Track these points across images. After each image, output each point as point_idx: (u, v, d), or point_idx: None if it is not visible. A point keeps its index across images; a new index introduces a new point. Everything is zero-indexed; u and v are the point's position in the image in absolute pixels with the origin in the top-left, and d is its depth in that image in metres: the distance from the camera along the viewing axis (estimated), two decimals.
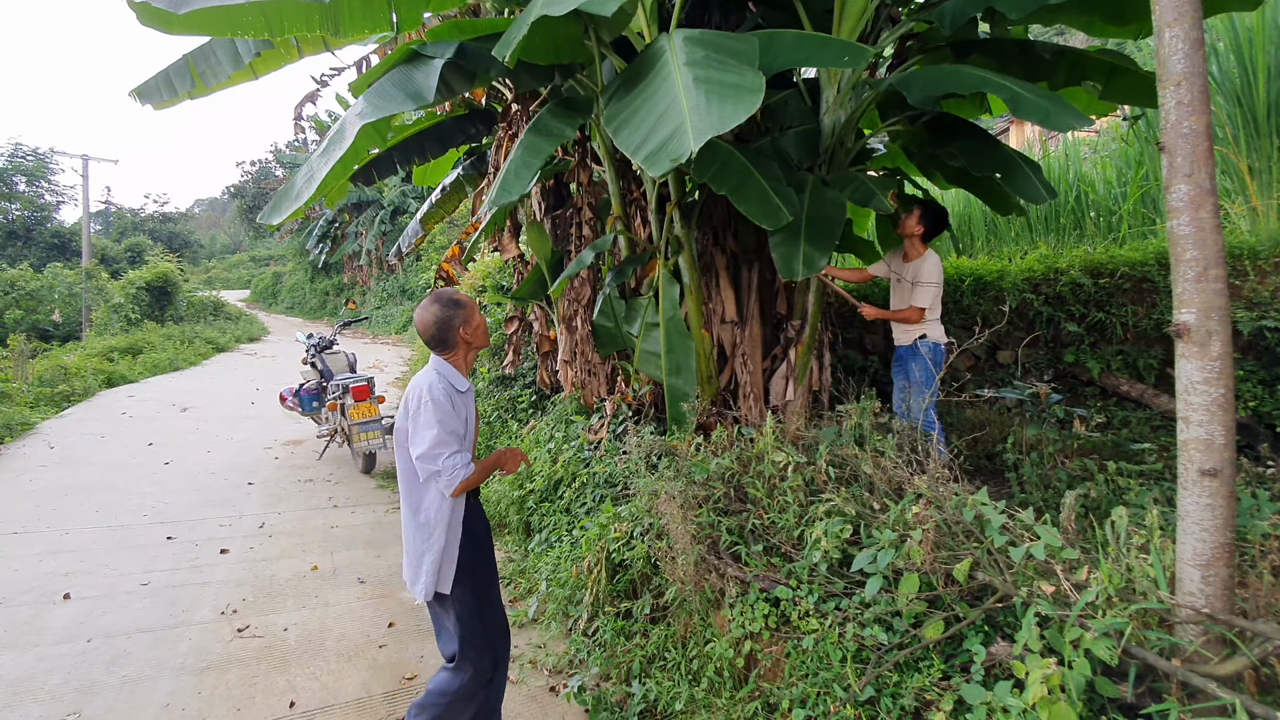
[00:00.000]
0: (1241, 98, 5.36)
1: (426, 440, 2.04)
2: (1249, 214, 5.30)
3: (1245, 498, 2.70)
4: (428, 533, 2.15)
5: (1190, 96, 1.60)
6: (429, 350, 2.25)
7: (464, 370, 2.26)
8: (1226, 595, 1.59)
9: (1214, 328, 1.57)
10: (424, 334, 2.19)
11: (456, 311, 2.19)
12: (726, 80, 2.40)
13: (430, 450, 2.04)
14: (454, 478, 2.07)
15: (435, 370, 2.18)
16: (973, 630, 2.02)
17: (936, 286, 3.86)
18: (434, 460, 2.05)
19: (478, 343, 2.26)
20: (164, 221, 31.13)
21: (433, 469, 2.06)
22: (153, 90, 4.59)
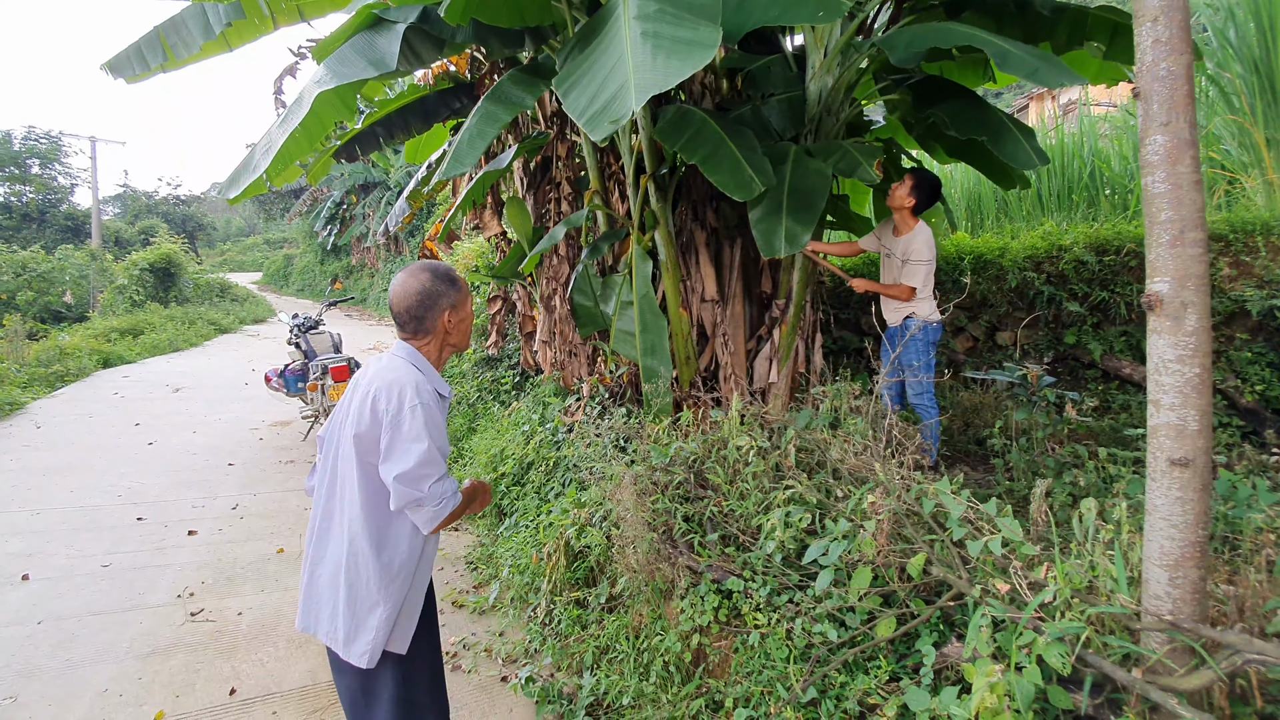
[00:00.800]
0: (1260, 65, 5.03)
1: (413, 456, 1.55)
2: (1264, 187, 5.00)
3: (1243, 487, 2.51)
4: (389, 578, 1.64)
5: (1169, 33, 1.40)
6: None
7: (440, 367, 1.80)
8: (1196, 600, 1.42)
9: (1190, 298, 1.39)
10: (398, 307, 1.69)
11: (448, 290, 1.71)
12: (678, 35, 2.21)
13: (417, 470, 1.56)
14: (442, 509, 1.61)
15: (413, 365, 1.66)
16: (927, 629, 1.87)
17: (928, 264, 3.64)
18: (419, 484, 1.56)
19: (458, 340, 1.79)
20: (178, 204, 31.31)
21: (416, 496, 1.57)
22: (124, 64, 4.48)
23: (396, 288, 1.71)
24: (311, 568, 1.70)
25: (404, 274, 1.72)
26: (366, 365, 1.75)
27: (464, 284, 1.77)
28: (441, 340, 1.75)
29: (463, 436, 5.41)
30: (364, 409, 1.60)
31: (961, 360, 5.08)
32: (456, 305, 1.73)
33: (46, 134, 23.71)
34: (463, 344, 1.83)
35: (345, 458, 1.65)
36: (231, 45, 4.56)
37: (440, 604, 3.33)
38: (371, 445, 1.61)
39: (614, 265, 4.46)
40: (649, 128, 3.69)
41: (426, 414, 1.59)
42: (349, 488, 1.65)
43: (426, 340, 1.72)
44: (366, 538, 1.63)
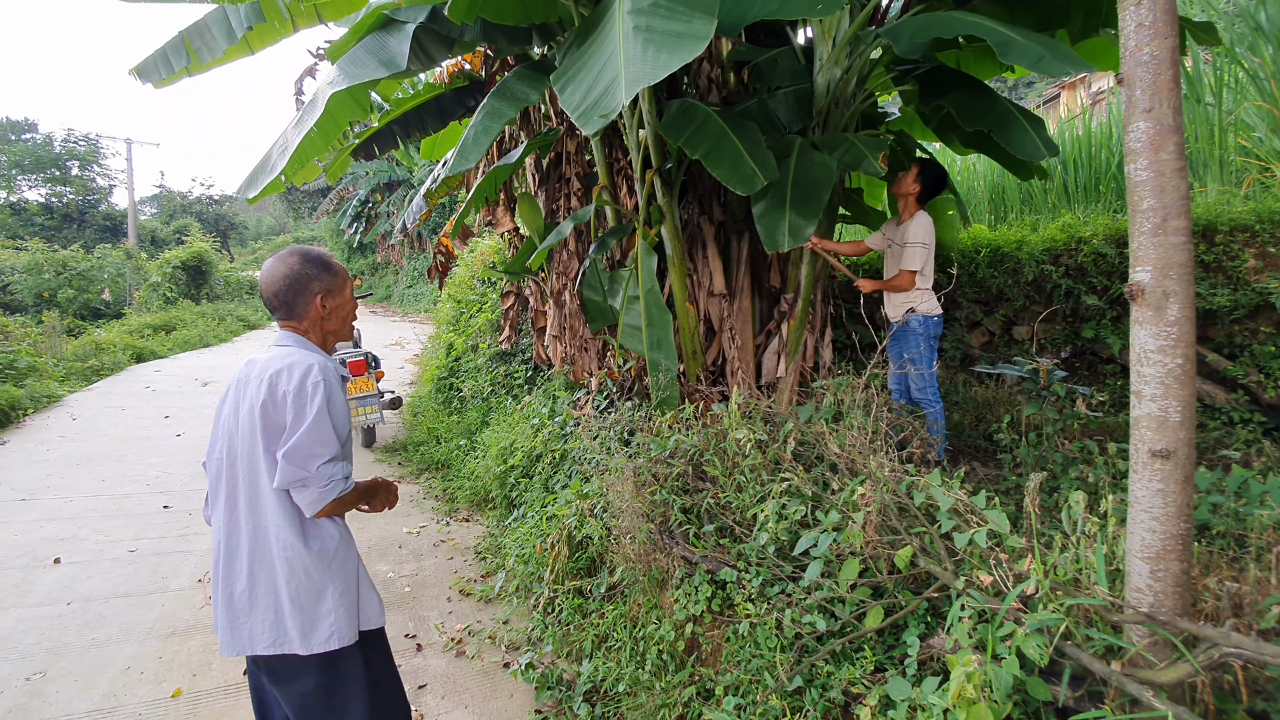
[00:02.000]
0: None
1: (306, 435, 1.48)
2: None
3: (1255, 484, 2.46)
4: (327, 561, 1.58)
5: (1153, 16, 1.37)
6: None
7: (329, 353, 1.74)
8: (1178, 593, 1.40)
9: (1172, 288, 1.37)
10: (266, 291, 1.64)
11: (320, 274, 1.64)
12: (669, 28, 2.22)
13: (308, 447, 1.48)
14: (327, 491, 1.52)
15: (305, 349, 1.61)
16: (914, 620, 1.87)
17: (925, 247, 3.58)
18: (307, 462, 1.48)
19: (335, 326, 1.70)
20: (210, 204, 32.12)
21: (300, 475, 1.48)
22: (151, 68, 4.62)
23: (264, 272, 1.65)
24: (227, 591, 1.56)
25: (273, 259, 1.66)
26: (248, 361, 1.65)
27: (340, 270, 1.70)
28: (321, 327, 1.68)
29: (476, 429, 5.49)
30: (260, 397, 1.52)
31: (977, 355, 5.00)
32: (331, 290, 1.66)
33: (85, 136, 24.51)
34: (343, 332, 1.75)
35: (247, 459, 1.55)
36: (253, 48, 4.68)
37: (448, 592, 3.40)
38: (276, 433, 1.53)
39: (621, 260, 4.49)
40: (654, 122, 3.70)
41: (328, 391, 1.53)
42: (260, 487, 1.55)
43: (303, 326, 1.65)
44: (292, 532, 1.56)
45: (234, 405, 1.60)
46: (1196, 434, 3.65)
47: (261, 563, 1.56)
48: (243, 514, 1.57)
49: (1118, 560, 1.57)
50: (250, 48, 4.62)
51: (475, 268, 7.83)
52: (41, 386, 7.15)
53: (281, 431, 1.52)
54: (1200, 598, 1.74)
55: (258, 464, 1.55)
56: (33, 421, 6.45)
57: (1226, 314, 4.03)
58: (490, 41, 3.83)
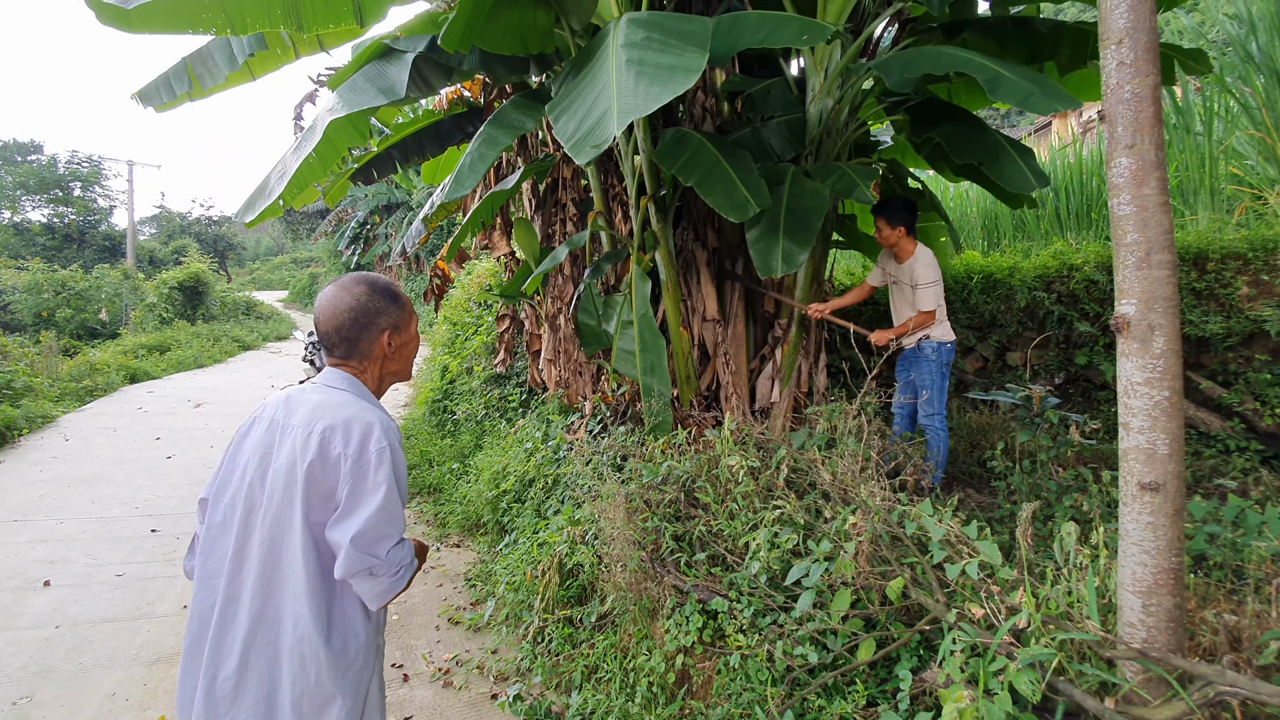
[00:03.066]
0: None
1: (374, 514, 1.26)
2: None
3: (1253, 514, 2.44)
4: (344, 667, 1.31)
5: (1134, 55, 1.40)
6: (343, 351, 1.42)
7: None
8: (1171, 628, 1.39)
9: (1157, 321, 1.37)
10: (326, 325, 1.40)
11: (389, 307, 1.42)
12: (661, 61, 2.27)
13: (377, 529, 1.26)
14: (398, 580, 1.32)
15: (363, 399, 1.38)
16: (907, 652, 1.84)
17: (936, 284, 3.62)
18: (376, 547, 1.26)
19: (398, 367, 1.49)
20: (209, 225, 32.33)
21: (370, 562, 1.26)
22: (153, 93, 4.67)
23: (325, 303, 1.41)
24: (210, 674, 1.28)
25: (334, 287, 1.43)
26: (286, 398, 1.40)
27: (408, 302, 1.49)
28: (380, 367, 1.45)
29: (469, 453, 5.46)
30: (308, 456, 1.28)
31: (971, 380, 5.01)
32: (399, 326, 1.45)
33: (88, 158, 24.75)
34: (404, 373, 1.53)
35: (276, 521, 1.29)
36: (255, 74, 4.74)
37: (437, 620, 3.35)
38: (321, 501, 1.29)
39: (616, 285, 4.51)
40: (649, 150, 3.74)
41: (394, 459, 1.31)
42: (286, 558, 1.29)
43: (361, 366, 1.42)
44: (313, 620, 1.28)
45: (262, 449, 1.34)
46: (1193, 462, 3.64)
47: (263, 649, 1.28)
48: (250, 583, 1.29)
49: (1110, 593, 1.55)
50: (252, 74, 4.68)
51: (472, 290, 7.86)
52: (37, 407, 7.13)
53: (329, 500, 1.29)
54: (1198, 631, 1.72)
55: (287, 530, 1.29)
56: (27, 442, 6.41)
57: (1220, 341, 4.04)
58: (488, 71, 3.89)
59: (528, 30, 3.23)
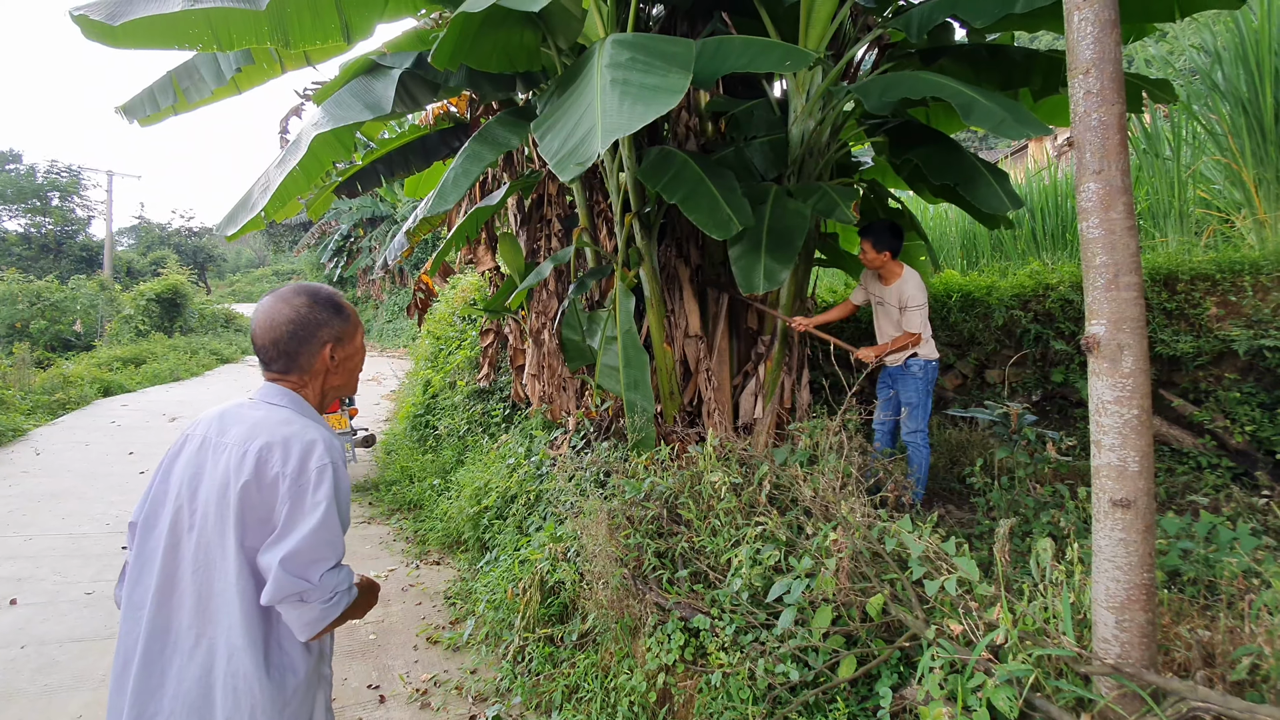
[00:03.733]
0: (1248, 106, 5.12)
1: (309, 534, 1.18)
2: (1255, 227, 5.04)
3: (1224, 530, 2.49)
4: (283, 703, 1.24)
5: (1100, 85, 1.45)
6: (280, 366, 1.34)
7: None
8: (1144, 643, 1.41)
9: (1126, 341, 1.41)
10: (263, 339, 1.32)
11: (331, 319, 1.35)
12: (646, 82, 2.30)
13: (311, 551, 1.18)
14: (332, 607, 1.21)
15: (303, 415, 1.31)
16: (887, 669, 1.85)
17: (923, 307, 3.67)
18: (309, 570, 1.18)
19: (341, 381, 1.41)
20: (189, 236, 31.97)
21: (300, 588, 1.17)
22: (138, 107, 4.63)
23: (262, 315, 1.33)
24: (137, 711, 1.20)
25: (272, 298, 1.35)
26: (220, 414, 1.31)
27: (353, 313, 1.42)
28: (323, 382, 1.37)
29: (451, 469, 5.41)
30: (242, 476, 1.20)
31: (950, 398, 5.07)
32: (342, 338, 1.37)
33: (68, 168, 24.41)
34: (348, 387, 1.45)
35: (208, 547, 1.21)
36: (241, 89, 4.72)
37: (415, 639, 3.30)
38: (258, 524, 1.20)
39: (600, 301, 4.53)
40: (633, 168, 3.78)
41: (336, 478, 1.23)
42: (219, 586, 1.21)
43: (302, 381, 1.35)
44: (249, 652, 1.19)
45: (193, 470, 1.26)
46: (1166, 478, 3.71)
47: (195, 685, 1.20)
48: (181, 615, 1.21)
49: (1085, 609, 1.57)
50: (238, 88, 4.66)
51: (456, 304, 7.84)
52: (7, 420, 6.96)
53: (266, 523, 1.20)
54: (1172, 646, 1.74)
55: (220, 557, 1.21)
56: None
57: (1190, 360, 4.14)
58: (475, 88, 3.92)
59: (515, 49, 3.26)
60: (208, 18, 3.22)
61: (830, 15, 3.49)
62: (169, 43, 3.31)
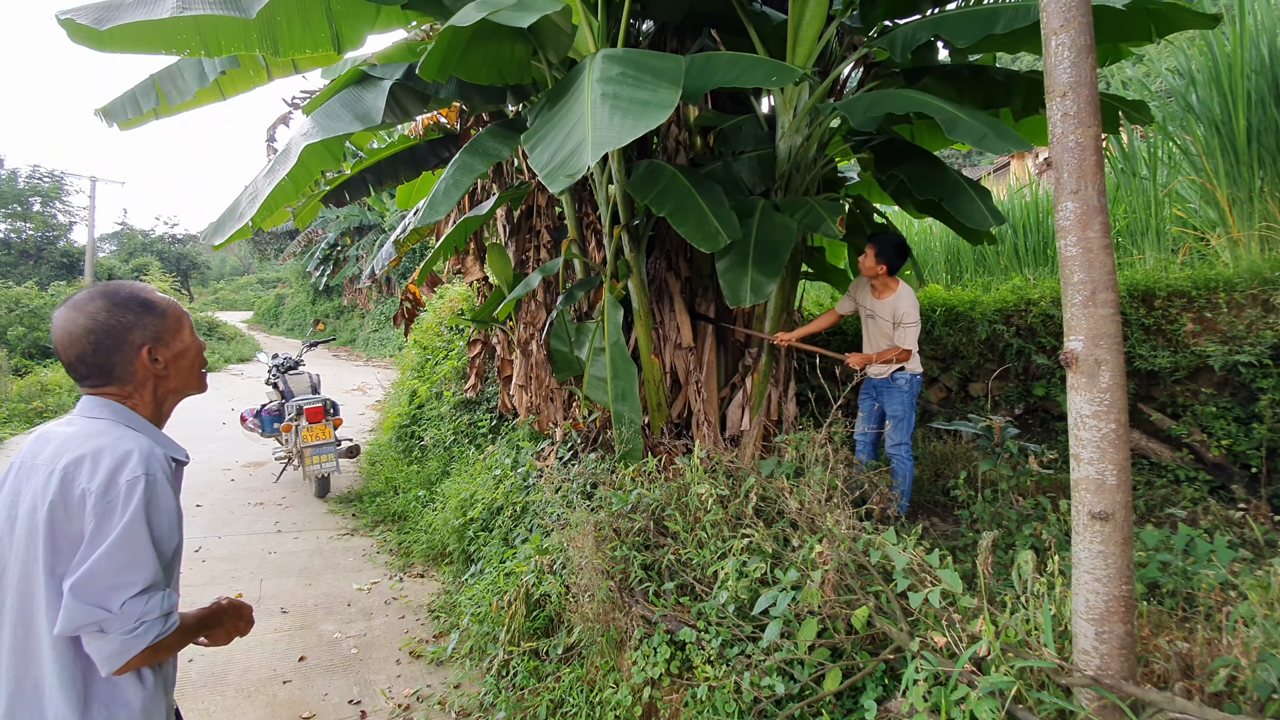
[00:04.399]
0: (1220, 127, 5.26)
1: (107, 558, 1.06)
2: (1229, 245, 5.17)
3: (1202, 543, 2.53)
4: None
5: (1077, 107, 1.49)
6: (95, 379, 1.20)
7: (161, 424, 1.28)
8: (1124, 654, 1.42)
9: (1103, 356, 1.44)
10: (66, 354, 1.19)
11: (140, 319, 1.20)
12: (636, 96, 2.33)
13: (109, 577, 1.06)
14: (134, 639, 1.08)
15: (124, 424, 1.18)
16: (872, 682, 1.85)
17: (917, 324, 3.72)
18: (105, 599, 1.06)
19: (180, 382, 1.28)
20: (173, 243, 31.63)
21: (95, 617, 1.05)
22: (119, 110, 4.60)
23: (58, 329, 1.19)
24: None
25: (65, 308, 1.19)
26: (39, 434, 1.20)
27: (169, 306, 1.26)
28: (153, 389, 1.24)
29: (436, 480, 5.37)
30: (48, 495, 1.08)
31: (935, 410, 5.12)
32: (161, 337, 1.23)
33: (50, 173, 24.11)
34: (191, 386, 1.31)
35: (24, 578, 1.10)
36: (225, 94, 4.70)
37: (398, 653, 3.25)
38: (71, 548, 1.08)
39: (589, 312, 4.54)
40: (623, 180, 3.81)
41: (150, 492, 1.10)
42: (38, 621, 1.09)
43: (125, 391, 1.21)
44: (63, 691, 1.08)
45: (11, 497, 1.14)
46: (1145, 491, 3.76)
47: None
48: (3, 654, 1.11)
49: (1066, 621, 1.59)
50: (223, 93, 4.65)
51: (443, 314, 7.81)
52: None
53: (76, 547, 1.08)
54: (1151, 658, 1.77)
55: (35, 588, 1.09)
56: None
57: (1168, 375, 4.22)
58: (465, 99, 3.93)
59: (505, 62, 3.28)
60: (197, 24, 3.21)
61: (817, 34, 3.55)
62: (155, 47, 3.30)
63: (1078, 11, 1.50)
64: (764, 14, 3.80)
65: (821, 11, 3.43)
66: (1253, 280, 4.21)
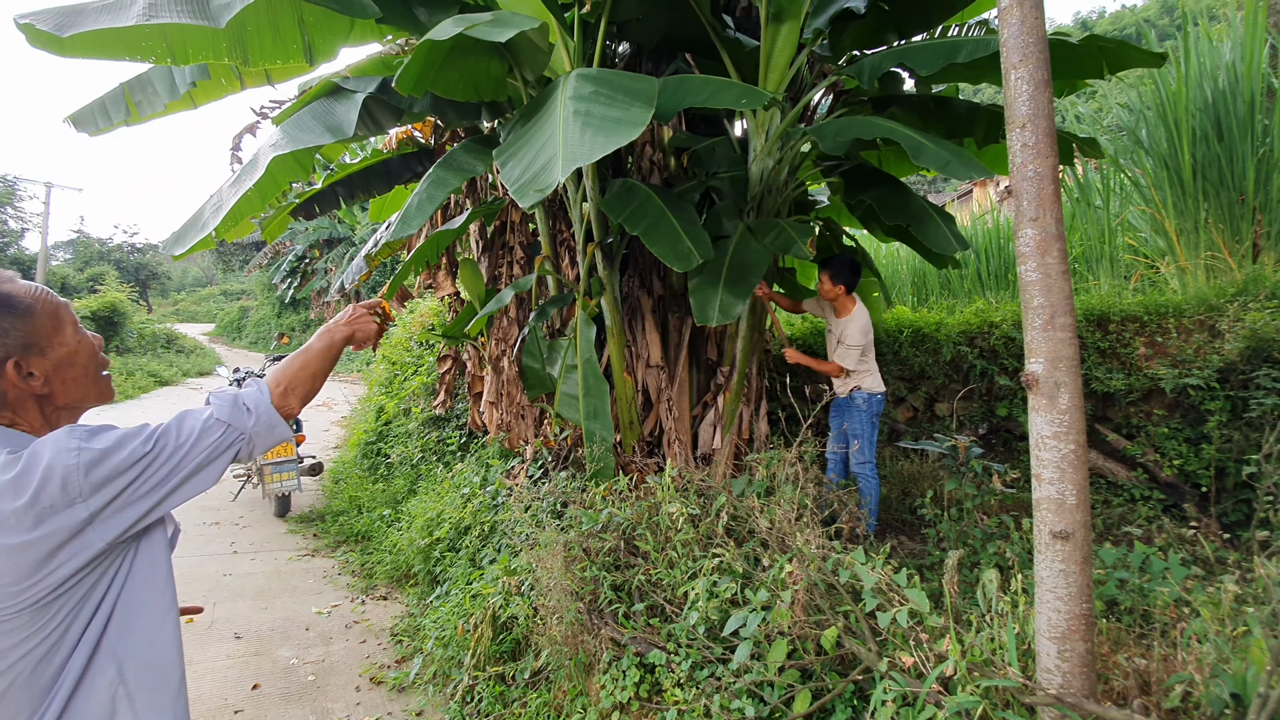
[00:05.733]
0: (1168, 161, 5.51)
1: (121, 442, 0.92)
2: (1177, 272, 5.40)
3: (1157, 560, 2.60)
4: None
5: (1035, 139, 1.54)
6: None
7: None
8: (1085, 672, 1.45)
9: (1062, 379, 1.48)
10: None
11: (4, 323, 0.96)
12: (608, 114, 2.34)
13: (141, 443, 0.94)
14: (244, 395, 1.04)
15: (8, 444, 0.93)
16: (841, 703, 1.85)
17: (860, 348, 3.80)
18: (187, 423, 0.99)
19: (75, 396, 1.03)
20: (132, 252, 30.72)
21: (203, 413, 1.00)
22: (88, 118, 4.46)
23: None
24: None
25: None
26: None
27: (39, 303, 0.99)
28: (37, 409, 1.00)
29: (403, 498, 5.25)
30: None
31: (902, 430, 5.21)
32: (32, 344, 0.97)
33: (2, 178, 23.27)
34: (90, 396, 1.06)
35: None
36: (197, 103, 4.60)
37: (358, 680, 3.14)
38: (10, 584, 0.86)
39: (561, 329, 4.52)
40: (597, 199, 3.82)
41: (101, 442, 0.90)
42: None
43: (5, 417, 0.97)
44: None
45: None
46: (1103, 510, 3.86)
47: None
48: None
49: (1029, 640, 1.61)
50: (194, 102, 4.55)
51: (413, 329, 7.70)
52: None
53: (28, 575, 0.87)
54: (1111, 675, 1.80)
55: None
56: None
57: (1123, 396, 4.36)
58: (439, 115, 3.92)
59: (481, 78, 3.29)
60: (163, 32, 3.15)
61: (788, 61, 3.63)
62: (119, 54, 3.22)
63: (1035, 48, 1.56)
64: (738, 40, 3.88)
65: (793, 40, 3.52)
66: (1199, 306, 4.39)
